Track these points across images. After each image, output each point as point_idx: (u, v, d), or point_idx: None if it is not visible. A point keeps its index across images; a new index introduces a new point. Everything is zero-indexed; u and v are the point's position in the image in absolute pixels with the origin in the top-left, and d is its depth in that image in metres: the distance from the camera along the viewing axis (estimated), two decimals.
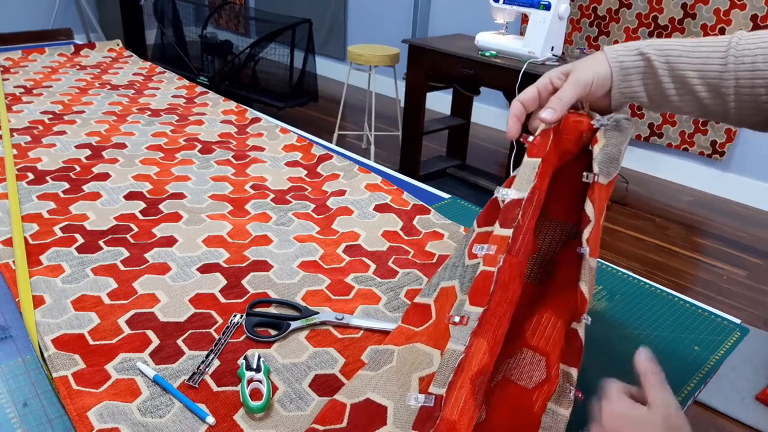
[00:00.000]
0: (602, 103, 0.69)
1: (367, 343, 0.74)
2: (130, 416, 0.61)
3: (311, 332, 0.76)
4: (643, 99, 0.67)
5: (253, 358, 0.69)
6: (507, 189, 0.61)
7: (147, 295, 0.80)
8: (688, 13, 3.03)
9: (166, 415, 0.62)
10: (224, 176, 1.20)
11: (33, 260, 0.87)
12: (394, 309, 0.81)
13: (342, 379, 0.68)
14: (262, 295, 0.82)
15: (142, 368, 0.67)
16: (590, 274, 0.61)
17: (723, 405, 1.70)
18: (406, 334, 0.72)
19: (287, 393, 0.66)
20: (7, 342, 0.73)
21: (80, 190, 1.10)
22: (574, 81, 0.65)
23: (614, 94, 0.67)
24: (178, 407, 0.63)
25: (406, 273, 0.90)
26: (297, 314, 0.78)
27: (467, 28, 3.85)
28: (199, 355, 0.70)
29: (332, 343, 0.74)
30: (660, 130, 3.28)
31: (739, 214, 2.98)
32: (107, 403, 0.62)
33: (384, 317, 0.79)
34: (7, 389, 0.65)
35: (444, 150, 3.35)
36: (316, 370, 0.69)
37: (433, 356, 0.66)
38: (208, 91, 1.74)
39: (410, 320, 0.75)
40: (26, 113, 1.47)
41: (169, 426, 0.61)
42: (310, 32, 3.49)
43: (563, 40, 2.45)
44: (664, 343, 0.80)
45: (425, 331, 0.71)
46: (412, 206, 1.09)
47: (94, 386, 0.65)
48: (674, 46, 0.64)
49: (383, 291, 0.85)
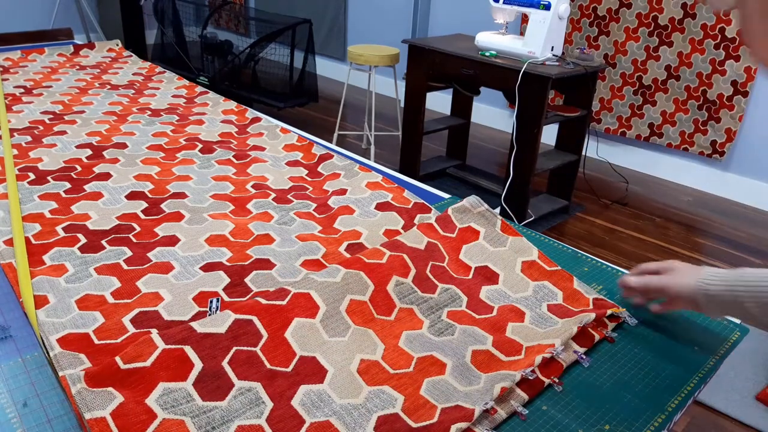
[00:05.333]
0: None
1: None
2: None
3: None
4: (731, 317, 0.79)
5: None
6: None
7: (151, 294, 0.81)
8: (688, 13, 3.03)
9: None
10: (225, 176, 1.20)
11: (36, 260, 0.87)
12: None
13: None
14: (265, 293, 0.82)
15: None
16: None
17: (723, 405, 1.71)
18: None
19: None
20: (7, 342, 0.73)
21: (82, 189, 1.10)
22: (663, 284, 0.80)
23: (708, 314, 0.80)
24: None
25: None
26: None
27: (467, 28, 3.85)
28: None
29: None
30: (660, 130, 3.28)
31: (739, 214, 2.98)
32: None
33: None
34: (7, 389, 0.66)
35: (444, 150, 3.35)
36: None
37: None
38: (208, 91, 1.74)
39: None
40: (26, 113, 1.47)
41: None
42: (310, 32, 3.49)
43: (563, 40, 2.46)
44: (664, 343, 0.80)
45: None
46: (413, 204, 1.09)
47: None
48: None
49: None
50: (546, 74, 2.30)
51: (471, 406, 0.64)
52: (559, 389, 0.70)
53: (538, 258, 0.92)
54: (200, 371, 0.63)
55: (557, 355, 0.73)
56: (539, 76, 2.33)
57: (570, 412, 0.67)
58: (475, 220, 0.98)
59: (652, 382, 0.73)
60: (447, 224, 0.97)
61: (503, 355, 0.74)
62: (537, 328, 0.79)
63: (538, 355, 0.72)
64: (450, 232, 0.96)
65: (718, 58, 2.99)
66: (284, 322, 0.71)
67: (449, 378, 0.70)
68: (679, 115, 3.20)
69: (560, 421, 0.66)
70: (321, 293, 0.75)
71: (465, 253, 0.93)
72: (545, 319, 0.81)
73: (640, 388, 0.72)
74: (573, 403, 0.69)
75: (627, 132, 3.42)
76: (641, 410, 0.68)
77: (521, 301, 0.85)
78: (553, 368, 0.72)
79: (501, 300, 0.85)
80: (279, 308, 0.72)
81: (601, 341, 0.79)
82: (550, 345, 0.74)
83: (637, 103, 3.35)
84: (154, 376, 0.61)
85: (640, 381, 0.73)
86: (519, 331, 0.79)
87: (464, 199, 1.02)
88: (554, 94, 3.44)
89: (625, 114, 3.40)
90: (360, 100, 4.46)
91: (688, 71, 3.11)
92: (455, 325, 0.79)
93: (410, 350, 0.73)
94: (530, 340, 0.77)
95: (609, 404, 0.69)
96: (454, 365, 0.72)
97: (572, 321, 0.79)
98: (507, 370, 0.70)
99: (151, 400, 0.59)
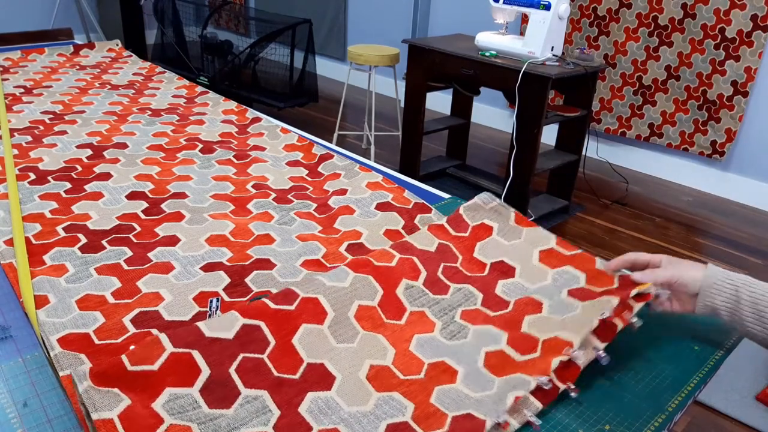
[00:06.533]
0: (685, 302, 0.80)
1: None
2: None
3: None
4: (724, 316, 0.76)
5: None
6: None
7: (151, 294, 0.81)
8: (688, 13, 3.03)
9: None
10: (226, 176, 1.20)
11: (36, 260, 0.87)
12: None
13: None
14: (265, 293, 0.82)
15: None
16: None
17: (723, 405, 1.71)
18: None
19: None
20: (7, 342, 0.73)
21: (82, 189, 1.10)
22: (669, 276, 0.78)
23: (698, 305, 0.78)
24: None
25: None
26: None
27: (467, 28, 3.85)
28: None
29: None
30: (660, 130, 3.28)
31: (739, 214, 2.98)
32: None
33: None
34: (7, 389, 0.66)
35: (444, 150, 3.35)
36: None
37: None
38: (208, 91, 1.74)
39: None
40: (26, 113, 1.47)
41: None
42: (310, 32, 3.49)
43: (563, 40, 2.46)
44: (664, 343, 0.80)
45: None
46: (413, 205, 1.09)
47: None
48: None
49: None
50: (546, 74, 2.30)
51: (482, 416, 0.63)
52: (575, 395, 0.68)
53: (556, 245, 0.90)
54: (207, 378, 0.63)
55: (575, 358, 0.70)
56: (539, 76, 2.33)
57: (570, 412, 0.67)
58: (488, 217, 0.96)
59: (652, 382, 0.73)
60: (459, 224, 0.95)
61: (518, 354, 0.73)
62: (555, 316, 0.77)
63: (554, 358, 0.70)
64: (462, 231, 0.94)
65: (718, 58, 2.99)
66: (292, 328, 0.70)
67: (460, 386, 0.69)
68: (679, 115, 3.20)
69: (560, 420, 0.66)
70: (329, 298, 0.74)
71: (479, 251, 0.91)
72: (565, 305, 0.79)
73: (640, 388, 0.72)
74: (573, 403, 0.69)
75: (627, 132, 3.42)
76: (641, 410, 0.68)
77: (539, 291, 0.83)
78: (570, 373, 0.69)
79: (518, 293, 0.83)
80: (286, 314, 0.71)
81: (632, 355, 0.77)
82: (568, 343, 0.71)
83: (637, 103, 3.35)
84: (161, 381, 0.61)
85: (640, 381, 0.73)
86: (535, 323, 0.77)
87: (475, 196, 0.99)
88: (554, 94, 3.44)
89: (625, 114, 3.40)
90: (360, 100, 4.46)
91: (688, 71, 3.11)
92: (468, 326, 0.78)
93: (421, 355, 0.72)
94: (547, 331, 0.75)
95: (609, 404, 0.69)
96: (466, 372, 0.70)
97: (593, 306, 0.76)
98: (521, 373, 0.69)
99: (158, 405, 0.59)
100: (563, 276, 0.85)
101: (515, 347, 0.74)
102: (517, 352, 0.73)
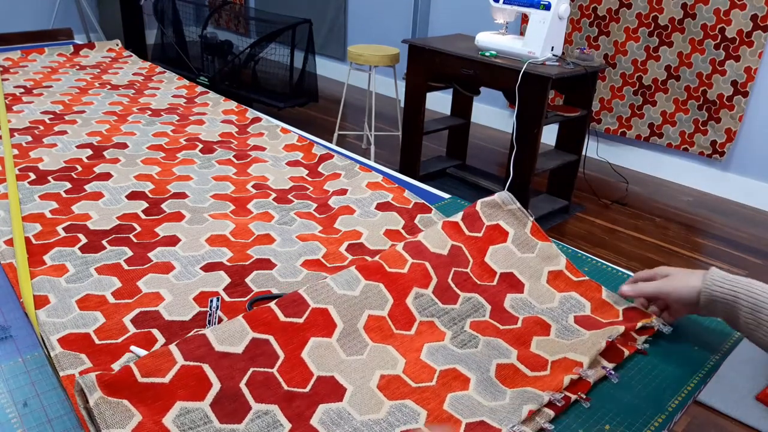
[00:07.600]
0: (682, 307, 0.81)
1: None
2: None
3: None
4: (726, 320, 0.76)
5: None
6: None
7: (151, 294, 0.81)
8: (688, 13, 3.03)
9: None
10: (226, 176, 1.20)
11: (37, 260, 0.87)
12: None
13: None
14: (266, 293, 0.82)
15: (136, 350, 0.68)
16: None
17: (723, 405, 1.71)
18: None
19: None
20: (7, 342, 0.73)
21: (82, 189, 1.10)
22: (661, 286, 0.80)
23: (701, 311, 0.78)
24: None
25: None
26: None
27: (467, 28, 3.85)
28: None
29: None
30: (660, 130, 3.29)
31: (739, 214, 2.98)
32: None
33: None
34: (7, 389, 0.66)
35: (444, 150, 3.35)
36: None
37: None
38: (208, 91, 1.74)
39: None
40: (27, 113, 1.48)
41: None
42: (310, 32, 3.49)
43: (563, 40, 2.46)
44: (664, 343, 0.80)
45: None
46: (414, 205, 1.09)
47: None
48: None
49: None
50: (546, 74, 2.30)
51: (497, 425, 0.63)
52: (587, 405, 0.68)
53: (565, 268, 0.91)
54: (218, 392, 0.62)
55: (586, 376, 0.70)
56: (539, 76, 2.33)
57: (570, 412, 0.67)
58: (505, 218, 0.94)
59: (652, 382, 0.73)
60: (474, 221, 0.93)
61: (528, 370, 0.72)
62: (563, 340, 0.78)
63: (566, 375, 0.70)
64: (477, 231, 0.92)
65: (718, 58, 2.99)
66: (301, 341, 0.69)
67: (473, 393, 0.68)
68: (679, 115, 3.21)
69: (560, 420, 0.66)
70: (339, 308, 0.74)
71: (491, 256, 0.90)
72: (571, 331, 0.79)
73: (640, 388, 0.72)
74: (573, 402, 0.69)
75: (627, 132, 3.42)
76: (641, 410, 0.68)
77: (546, 312, 0.83)
78: (581, 386, 0.70)
79: (526, 310, 0.83)
80: (296, 327, 0.70)
81: (633, 355, 0.77)
82: (578, 363, 0.72)
83: (637, 103, 3.35)
84: (172, 394, 0.60)
85: (640, 381, 0.73)
86: (544, 345, 0.77)
87: (495, 194, 0.97)
88: (554, 94, 3.44)
89: (625, 114, 3.40)
90: (360, 100, 4.46)
91: (688, 71, 3.11)
92: (479, 336, 0.77)
93: (433, 363, 0.72)
94: (556, 353, 0.75)
95: (609, 404, 0.69)
96: (479, 380, 0.70)
97: (600, 334, 0.77)
98: (533, 387, 0.69)
99: (168, 420, 0.58)
100: (569, 301, 0.85)
101: (525, 364, 0.74)
102: (528, 368, 0.73)
